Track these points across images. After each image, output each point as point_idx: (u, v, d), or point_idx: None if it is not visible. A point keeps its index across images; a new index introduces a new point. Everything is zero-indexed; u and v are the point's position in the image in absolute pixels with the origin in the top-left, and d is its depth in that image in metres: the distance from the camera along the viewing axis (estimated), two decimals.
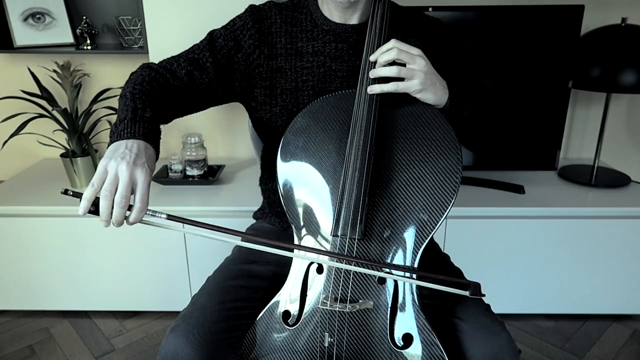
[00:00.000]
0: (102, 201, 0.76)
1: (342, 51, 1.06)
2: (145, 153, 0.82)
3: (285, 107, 1.08)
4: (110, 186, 0.77)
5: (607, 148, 2.12)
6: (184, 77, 1.02)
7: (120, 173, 0.77)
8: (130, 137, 0.83)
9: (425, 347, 0.88)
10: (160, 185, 1.85)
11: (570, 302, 1.80)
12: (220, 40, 1.05)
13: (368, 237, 0.91)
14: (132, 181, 0.78)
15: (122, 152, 0.80)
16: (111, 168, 0.78)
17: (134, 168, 0.78)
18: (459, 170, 0.91)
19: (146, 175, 0.79)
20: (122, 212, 0.77)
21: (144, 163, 0.80)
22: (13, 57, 2.02)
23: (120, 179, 0.77)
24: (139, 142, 0.83)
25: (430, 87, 0.94)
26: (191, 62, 1.03)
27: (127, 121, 0.86)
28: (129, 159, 0.79)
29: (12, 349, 1.72)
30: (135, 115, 0.87)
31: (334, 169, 0.95)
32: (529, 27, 1.71)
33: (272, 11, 1.07)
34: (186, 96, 1.03)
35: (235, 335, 0.96)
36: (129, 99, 0.91)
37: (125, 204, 0.77)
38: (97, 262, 1.76)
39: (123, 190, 0.77)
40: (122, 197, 0.77)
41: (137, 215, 0.79)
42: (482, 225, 1.70)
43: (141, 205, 0.79)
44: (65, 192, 0.79)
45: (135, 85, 0.94)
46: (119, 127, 0.86)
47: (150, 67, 1.02)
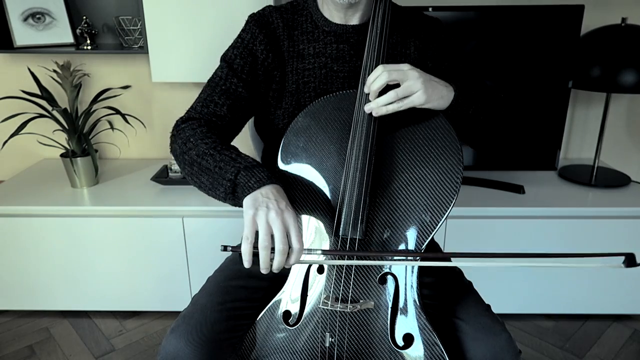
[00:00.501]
0: (261, 253, 0.79)
1: (343, 52, 1.06)
2: (281, 195, 0.84)
3: (287, 109, 1.08)
4: (267, 237, 0.79)
5: (607, 148, 2.12)
6: (227, 114, 1.02)
7: (272, 222, 0.80)
8: (259, 185, 0.84)
9: (426, 347, 0.88)
10: (160, 185, 1.85)
11: (570, 302, 1.80)
12: (238, 61, 1.04)
13: (369, 237, 0.91)
14: (285, 227, 0.80)
15: (263, 201, 0.82)
16: (261, 219, 0.80)
17: (282, 213, 0.81)
18: (459, 171, 0.91)
19: (294, 217, 0.82)
20: (284, 258, 0.80)
21: (286, 205, 0.83)
22: (13, 57, 2.02)
23: (275, 227, 0.80)
24: (270, 186, 0.85)
25: (434, 94, 0.92)
26: (226, 96, 1.02)
27: (243, 171, 0.86)
28: (274, 207, 0.81)
29: (12, 349, 1.72)
30: (244, 164, 0.88)
31: (335, 170, 0.95)
32: (529, 27, 1.71)
33: (272, 15, 1.07)
34: (236, 125, 1.05)
35: (235, 336, 0.96)
36: (216, 155, 0.90)
37: (287, 250, 0.80)
38: (97, 262, 1.76)
39: (281, 237, 0.79)
40: (284, 244, 0.79)
41: (297, 256, 0.81)
42: (482, 225, 1.70)
43: (299, 247, 0.81)
44: (224, 249, 0.83)
45: (204, 139, 0.93)
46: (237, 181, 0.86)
47: (193, 118, 1.00)
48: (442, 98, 0.93)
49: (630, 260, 0.78)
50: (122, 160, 2.15)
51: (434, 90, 0.92)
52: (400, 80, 0.90)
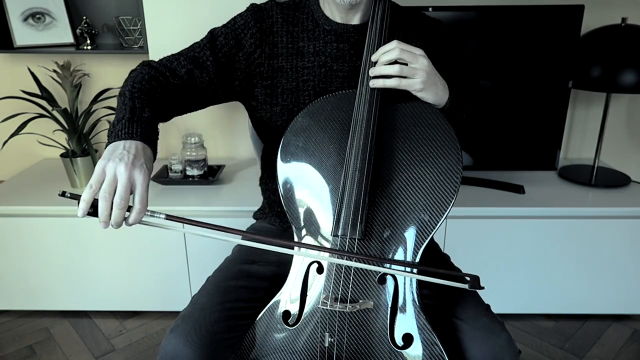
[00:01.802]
0: (100, 202, 0.76)
1: (343, 51, 1.06)
2: (144, 154, 0.82)
3: (285, 107, 1.08)
4: (109, 187, 0.77)
5: (607, 148, 2.12)
6: (184, 76, 1.01)
7: (119, 174, 0.77)
8: (128, 137, 0.83)
9: (426, 347, 0.88)
10: (160, 185, 1.85)
11: (570, 302, 1.80)
12: (221, 39, 1.05)
13: (368, 237, 0.91)
14: (130, 182, 0.78)
15: (120, 153, 0.79)
16: (109, 169, 0.77)
17: (132, 169, 0.78)
18: (459, 170, 0.91)
19: (145, 176, 0.79)
20: (122, 213, 0.77)
21: (142, 164, 0.80)
22: (13, 57, 2.02)
23: (119, 181, 0.77)
24: (137, 142, 0.83)
25: (432, 87, 0.94)
26: (191, 61, 1.02)
27: (125, 121, 0.85)
28: (127, 160, 0.78)
29: (12, 349, 1.72)
30: (134, 115, 0.86)
31: (334, 169, 0.95)
32: (529, 27, 1.71)
33: (273, 10, 1.07)
34: (186, 94, 1.02)
35: (235, 336, 0.96)
36: (127, 98, 0.90)
37: (125, 205, 0.77)
38: (97, 262, 1.76)
39: (122, 191, 0.77)
40: (121, 199, 0.76)
41: (136, 216, 0.79)
42: (482, 225, 1.70)
43: (140, 207, 0.79)
44: (62, 194, 0.79)
45: (134, 83, 0.93)
46: (116, 127, 0.85)
47: (150, 65, 1.01)
48: (437, 95, 0.96)
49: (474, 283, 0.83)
50: None
51: (433, 84, 0.94)
52: (409, 62, 0.92)
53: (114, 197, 0.77)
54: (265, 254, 1.10)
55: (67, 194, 0.79)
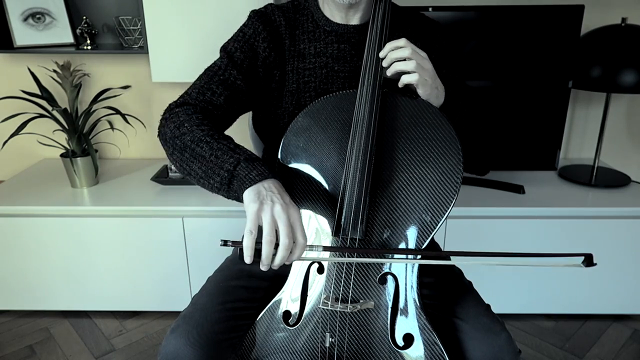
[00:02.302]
0: (265, 248, 0.77)
1: (344, 52, 1.06)
2: (282, 189, 0.83)
3: (287, 108, 1.08)
4: (272, 231, 0.77)
5: (607, 148, 2.12)
6: (224, 105, 1.00)
7: (277, 216, 0.78)
8: (262, 178, 0.82)
9: (426, 347, 0.88)
10: (160, 185, 1.85)
11: (570, 302, 1.80)
12: (238, 54, 1.03)
13: (369, 237, 0.91)
14: (291, 222, 0.78)
15: (267, 195, 0.80)
16: (266, 214, 0.77)
17: (287, 208, 0.79)
18: (460, 171, 0.91)
19: (299, 212, 0.80)
20: (287, 254, 0.78)
21: (290, 200, 0.81)
22: (13, 57, 2.02)
23: (280, 222, 0.77)
24: (272, 180, 0.83)
25: (433, 89, 0.95)
26: (224, 86, 1.00)
27: (243, 163, 0.84)
28: (279, 201, 0.79)
29: (12, 349, 1.72)
30: (244, 155, 0.86)
31: (335, 170, 0.95)
32: (529, 27, 1.71)
33: (275, 14, 1.07)
34: (230, 117, 1.03)
35: (235, 336, 0.96)
36: (212, 142, 0.87)
37: (291, 245, 0.78)
38: (97, 262, 1.76)
39: (287, 231, 0.77)
40: (288, 239, 0.77)
41: (300, 251, 0.80)
42: (482, 225, 1.70)
43: (304, 242, 0.80)
44: (224, 243, 0.80)
45: (199, 126, 0.90)
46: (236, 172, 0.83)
47: (188, 103, 0.98)
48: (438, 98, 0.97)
49: (589, 261, 0.81)
50: (122, 160, 2.15)
51: (433, 89, 0.95)
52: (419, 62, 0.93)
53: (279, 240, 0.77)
54: None
55: (229, 243, 0.79)
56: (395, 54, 0.93)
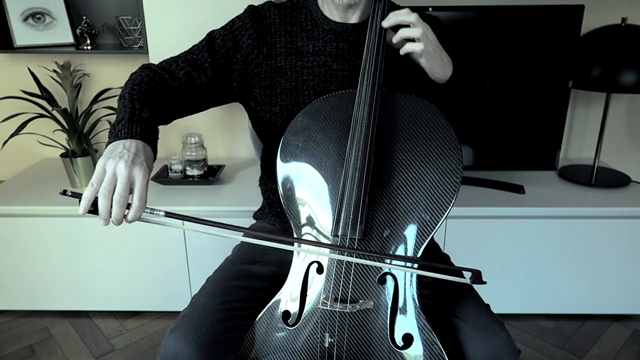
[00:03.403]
0: (100, 200, 0.77)
1: (342, 50, 1.06)
2: (144, 152, 0.83)
3: (285, 106, 1.08)
4: (109, 185, 0.77)
5: (607, 148, 2.12)
6: (183, 78, 1.02)
7: (118, 172, 0.78)
8: (129, 137, 0.84)
9: (426, 347, 0.88)
10: (160, 185, 1.85)
11: (570, 302, 1.80)
12: (219, 41, 1.05)
13: (368, 237, 0.91)
14: (130, 180, 0.78)
15: (120, 152, 0.80)
16: (109, 167, 0.78)
17: (132, 167, 0.79)
18: (459, 170, 0.91)
19: (144, 174, 0.80)
20: (121, 210, 0.78)
21: (142, 162, 0.81)
22: (13, 57, 2.02)
23: (119, 178, 0.78)
24: (137, 142, 0.84)
25: (438, 60, 0.96)
26: (190, 63, 1.03)
27: (125, 122, 0.86)
28: (127, 158, 0.79)
29: (12, 349, 1.72)
30: (133, 115, 0.87)
31: (334, 169, 0.95)
32: (529, 27, 1.71)
33: (271, 11, 1.08)
34: (185, 97, 1.03)
35: (235, 336, 0.96)
36: (127, 100, 0.91)
37: (124, 203, 0.77)
38: (97, 262, 1.76)
39: (122, 189, 0.77)
40: (121, 196, 0.77)
41: (135, 213, 0.79)
42: (482, 225, 1.70)
43: (139, 204, 0.79)
44: (64, 192, 0.79)
45: (134, 85, 0.94)
46: (117, 128, 0.86)
47: (149, 67, 1.02)
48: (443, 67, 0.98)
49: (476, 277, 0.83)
50: None
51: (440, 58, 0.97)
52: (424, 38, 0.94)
53: (113, 195, 0.77)
54: (265, 254, 1.10)
55: (69, 192, 0.79)
56: (402, 17, 0.94)
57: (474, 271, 0.83)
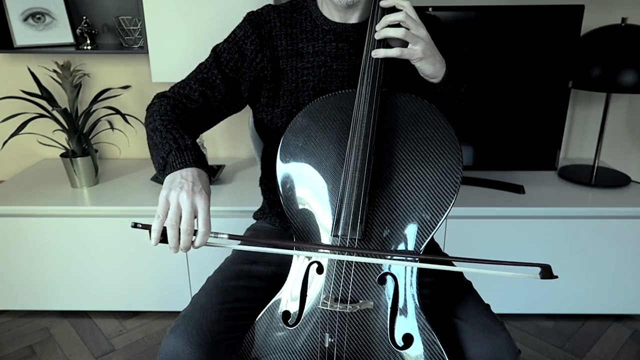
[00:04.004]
0: (169, 231, 0.81)
1: (342, 50, 1.06)
2: (200, 179, 0.86)
3: (285, 108, 1.08)
4: (174, 216, 0.81)
5: (607, 148, 2.12)
6: (199, 99, 1.04)
7: (182, 202, 0.82)
8: (183, 166, 0.87)
9: (426, 347, 0.88)
10: (160, 185, 1.84)
11: (570, 302, 1.80)
12: (225, 55, 1.07)
13: (368, 237, 0.91)
14: (194, 209, 0.82)
15: (180, 182, 0.84)
16: (172, 199, 0.82)
17: (193, 196, 0.82)
18: (459, 170, 0.91)
19: (205, 200, 0.83)
20: (189, 238, 0.82)
21: (201, 189, 0.84)
22: (13, 57, 2.02)
23: (183, 208, 0.82)
24: (192, 169, 0.87)
25: (430, 58, 0.96)
26: (202, 83, 1.05)
27: (175, 152, 0.89)
28: (187, 188, 0.83)
29: (12, 349, 1.72)
30: (179, 144, 0.91)
31: (334, 169, 0.95)
32: (529, 27, 1.71)
33: (270, 15, 1.08)
34: (205, 115, 1.06)
35: (235, 336, 0.96)
36: (164, 131, 0.93)
37: (191, 231, 0.82)
38: (97, 262, 1.76)
39: (187, 218, 0.81)
40: (188, 225, 0.81)
41: (202, 239, 0.83)
42: (482, 225, 1.70)
43: (205, 230, 0.82)
44: (135, 225, 0.84)
45: (162, 117, 0.97)
46: (168, 159, 0.89)
47: (165, 96, 1.04)
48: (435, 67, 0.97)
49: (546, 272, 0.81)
50: (122, 160, 2.15)
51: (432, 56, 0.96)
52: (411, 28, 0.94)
53: (180, 225, 0.81)
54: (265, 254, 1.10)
55: (139, 225, 0.83)
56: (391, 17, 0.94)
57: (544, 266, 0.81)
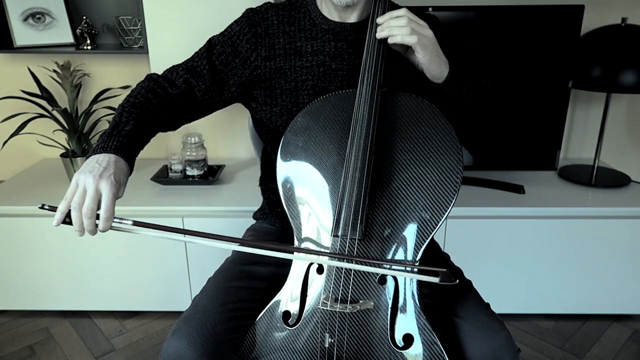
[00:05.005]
0: (72, 213, 0.83)
1: (341, 50, 1.06)
2: (115, 166, 0.87)
3: (285, 107, 1.08)
4: (79, 199, 0.82)
5: (607, 148, 2.12)
6: (182, 85, 1.05)
7: (87, 186, 0.83)
8: (103, 151, 0.89)
9: (426, 347, 0.88)
10: (160, 185, 1.85)
11: (570, 302, 1.80)
12: (218, 47, 1.08)
13: (368, 237, 0.91)
14: (98, 193, 0.83)
15: (92, 166, 0.85)
16: (80, 181, 0.83)
17: (99, 180, 0.83)
18: (459, 170, 0.91)
19: (111, 187, 0.84)
20: (91, 222, 0.83)
21: (110, 175, 0.85)
22: (13, 57, 2.02)
23: (87, 192, 0.83)
24: (110, 155, 0.88)
25: (435, 58, 0.96)
26: (189, 70, 1.07)
27: (105, 135, 0.91)
28: (95, 172, 0.84)
29: (12, 349, 1.72)
30: (114, 129, 0.92)
31: (334, 169, 0.95)
32: (529, 27, 1.71)
33: (268, 12, 1.08)
34: (187, 103, 1.07)
35: (236, 337, 0.96)
36: (117, 113, 0.96)
37: (92, 215, 0.82)
38: (97, 262, 1.76)
39: (89, 202, 0.82)
40: (88, 209, 0.82)
41: (104, 224, 0.84)
42: (482, 225, 1.70)
43: (106, 215, 0.83)
44: (42, 207, 0.85)
45: (129, 98, 1.00)
46: (98, 141, 0.91)
47: (151, 77, 1.06)
48: (439, 67, 0.97)
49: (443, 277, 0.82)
50: None
51: (437, 55, 0.96)
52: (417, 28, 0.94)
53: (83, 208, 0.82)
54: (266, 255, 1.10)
55: (46, 206, 0.85)
56: (393, 22, 0.94)
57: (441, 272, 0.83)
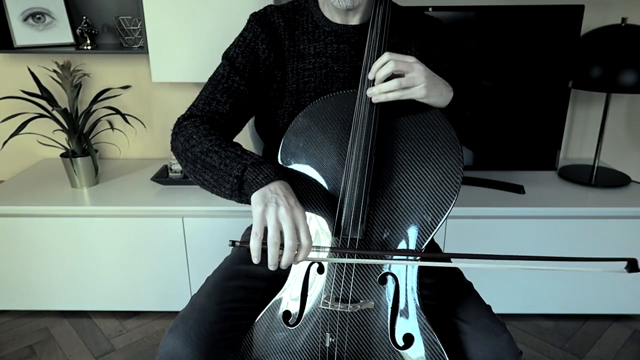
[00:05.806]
0: (270, 249, 0.78)
1: (343, 52, 1.06)
2: (289, 191, 0.84)
3: (287, 109, 1.08)
4: (276, 232, 0.78)
5: (607, 148, 2.12)
6: (230, 112, 1.02)
7: (281, 218, 0.79)
8: (268, 181, 0.84)
9: (426, 347, 0.88)
10: (160, 185, 1.85)
11: (570, 302, 1.80)
12: (239, 59, 1.04)
13: (369, 237, 0.91)
14: (295, 223, 0.80)
15: (272, 197, 0.81)
16: (270, 216, 0.79)
17: (292, 210, 0.80)
18: (460, 171, 0.91)
19: (304, 213, 0.82)
20: (293, 254, 0.79)
21: (296, 202, 0.82)
22: (13, 57, 2.01)
23: (285, 224, 0.79)
24: (278, 182, 0.84)
25: (435, 89, 0.93)
26: (228, 94, 1.02)
27: (250, 168, 0.85)
28: (283, 203, 0.80)
29: (12, 349, 1.72)
30: (250, 160, 0.87)
31: (335, 170, 0.95)
32: (529, 27, 1.71)
33: (274, 15, 1.08)
34: (236, 126, 1.04)
35: (233, 336, 0.96)
36: (220, 151, 0.89)
37: (296, 247, 0.79)
38: (97, 262, 1.76)
39: (291, 234, 0.78)
40: (294, 241, 0.78)
41: (305, 252, 0.80)
42: (482, 225, 1.70)
43: (308, 242, 0.80)
44: (232, 244, 0.82)
45: (207, 137, 0.93)
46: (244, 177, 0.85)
47: (195, 115, 1.00)
48: (442, 96, 0.95)
49: (633, 266, 0.78)
50: (122, 160, 2.15)
51: (435, 86, 0.93)
52: (406, 72, 0.91)
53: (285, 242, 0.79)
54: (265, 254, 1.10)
55: (237, 243, 0.82)
56: (381, 73, 0.91)
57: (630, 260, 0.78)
